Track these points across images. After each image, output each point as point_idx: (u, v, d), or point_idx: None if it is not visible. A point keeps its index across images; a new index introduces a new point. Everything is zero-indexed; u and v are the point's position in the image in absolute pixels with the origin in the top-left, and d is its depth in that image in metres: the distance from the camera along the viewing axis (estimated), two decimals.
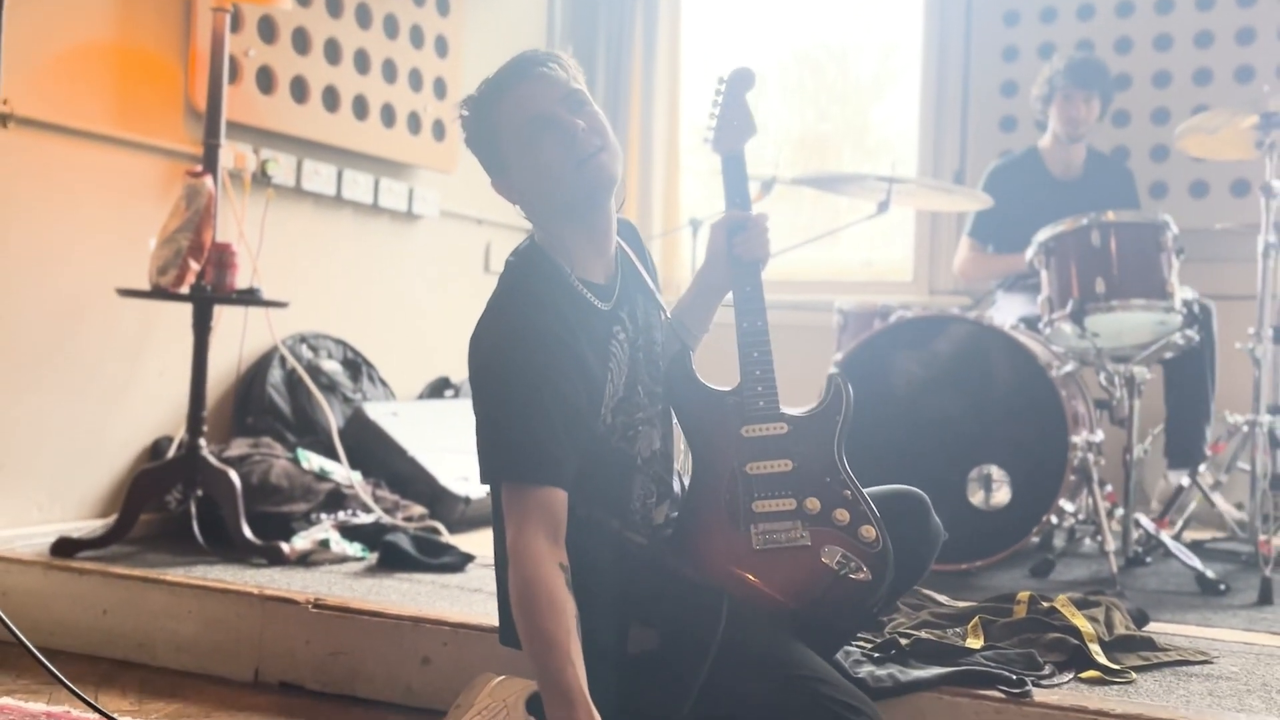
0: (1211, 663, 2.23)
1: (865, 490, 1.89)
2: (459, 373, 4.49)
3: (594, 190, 1.81)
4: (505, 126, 1.80)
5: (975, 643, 2.18)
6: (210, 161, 2.99)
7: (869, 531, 1.83)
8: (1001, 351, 3.10)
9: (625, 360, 1.85)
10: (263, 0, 3.16)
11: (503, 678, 1.70)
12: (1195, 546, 3.55)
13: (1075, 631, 2.20)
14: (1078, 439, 3.02)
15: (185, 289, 2.90)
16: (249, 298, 2.99)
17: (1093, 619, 2.28)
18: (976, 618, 2.30)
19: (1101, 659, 2.11)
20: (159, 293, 2.89)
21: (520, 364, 1.71)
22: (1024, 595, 2.40)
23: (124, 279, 3.07)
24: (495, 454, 1.72)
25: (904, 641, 2.13)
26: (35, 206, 3.02)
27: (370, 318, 4.09)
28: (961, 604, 2.50)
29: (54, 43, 3.04)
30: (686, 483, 1.94)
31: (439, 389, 4.33)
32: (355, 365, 3.88)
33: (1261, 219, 3.19)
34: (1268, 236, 3.19)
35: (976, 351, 3.13)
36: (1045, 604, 2.36)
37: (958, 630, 2.27)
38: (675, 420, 1.97)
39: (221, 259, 2.92)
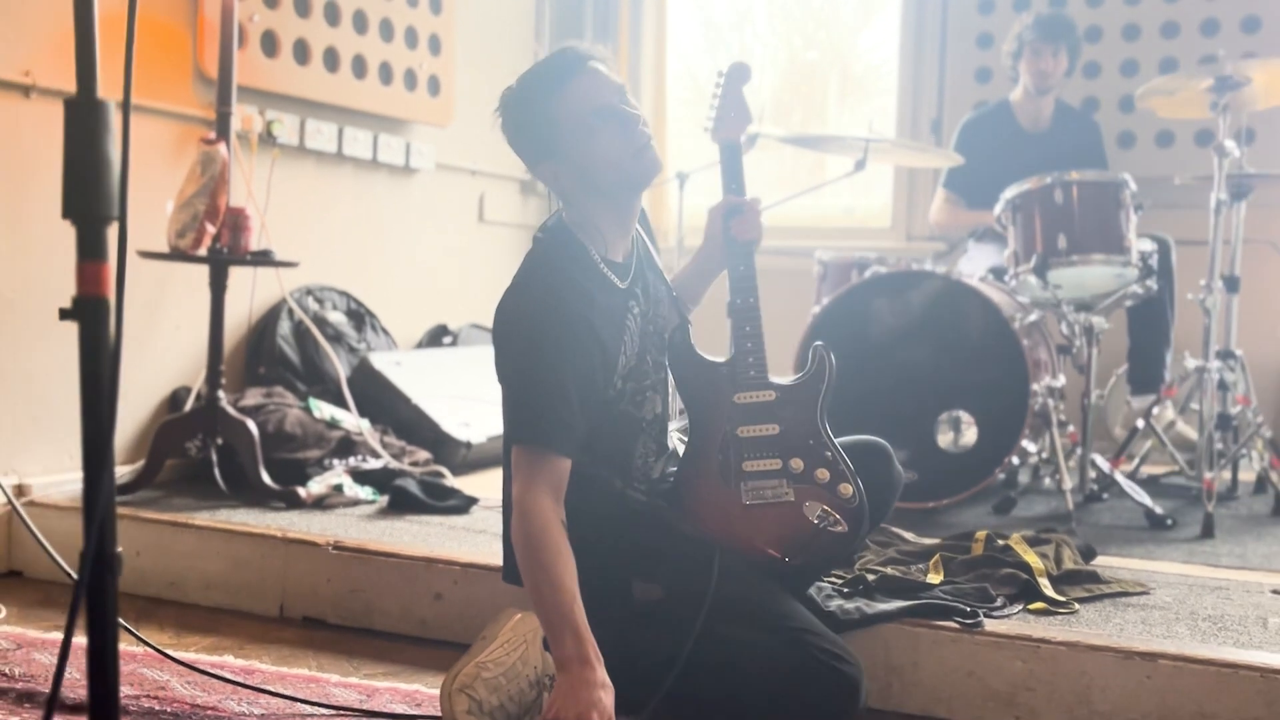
0: (1148, 593, 2.46)
1: (837, 440, 2.11)
2: (456, 319, 4.69)
3: (647, 175, 2.02)
4: (566, 116, 1.97)
5: (935, 578, 2.41)
6: (223, 129, 3.16)
7: (846, 489, 2.04)
8: (969, 304, 3.31)
9: (637, 333, 2.05)
10: None
11: (524, 614, 1.90)
12: (1150, 482, 3.80)
13: (1026, 567, 2.44)
14: (1038, 386, 3.25)
15: (203, 251, 3.08)
16: (263, 259, 3.18)
17: (1043, 555, 2.52)
18: (937, 555, 2.54)
19: (1049, 592, 2.35)
20: (178, 255, 3.07)
21: (544, 339, 1.90)
22: (981, 534, 2.63)
23: (142, 238, 3.24)
24: (516, 417, 1.93)
25: (870, 577, 2.36)
26: (58, 172, 3.18)
27: (371, 269, 4.28)
28: (925, 541, 2.74)
29: (71, 16, 3.18)
30: (683, 444, 2.16)
31: (438, 336, 4.53)
32: (359, 315, 4.07)
33: (1215, 176, 3.39)
34: (1219, 193, 3.39)
35: (945, 304, 3.34)
36: (1000, 541, 2.60)
37: (920, 566, 2.51)
38: (673, 386, 2.18)
39: (236, 222, 3.10)
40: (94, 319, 1.16)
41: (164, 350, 3.52)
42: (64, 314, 1.17)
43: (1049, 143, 4.21)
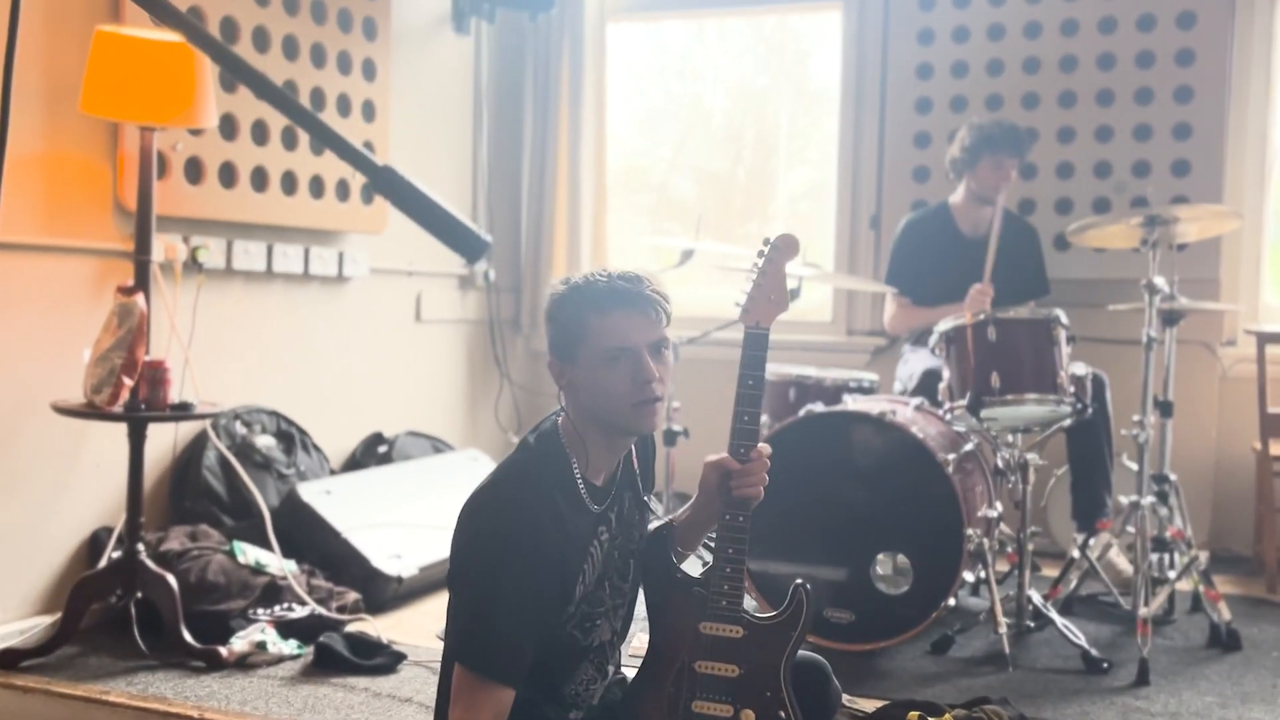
0: None
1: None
2: (392, 426, 4.62)
3: (638, 429, 1.97)
4: (593, 336, 1.92)
5: None
6: (142, 278, 3.08)
7: None
8: (902, 448, 3.28)
9: (600, 560, 1.97)
10: (184, 123, 3.22)
11: None
12: (1088, 601, 3.80)
13: None
14: (973, 530, 3.23)
15: (119, 407, 2.99)
16: (182, 413, 3.10)
17: None
18: None
19: None
20: (94, 413, 2.99)
21: (508, 560, 1.83)
22: (913, 716, 2.60)
23: (59, 381, 3.18)
24: (465, 639, 1.87)
25: None
26: None
27: (303, 384, 4.20)
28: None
29: None
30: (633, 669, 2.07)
31: (373, 446, 4.45)
32: (289, 436, 3.99)
33: (1145, 314, 3.39)
34: (1149, 330, 3.39)
35: (880, 446, 3.32)
36: None
37: None
38: (641, 596, 2.09)
39: (155, 376, 3.02)
40: None
41: (84, 489, 3.42)
42: None
43: (987, 249, 4.21)
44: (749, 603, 2.05)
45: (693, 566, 2.09)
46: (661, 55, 5.71)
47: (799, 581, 2.02)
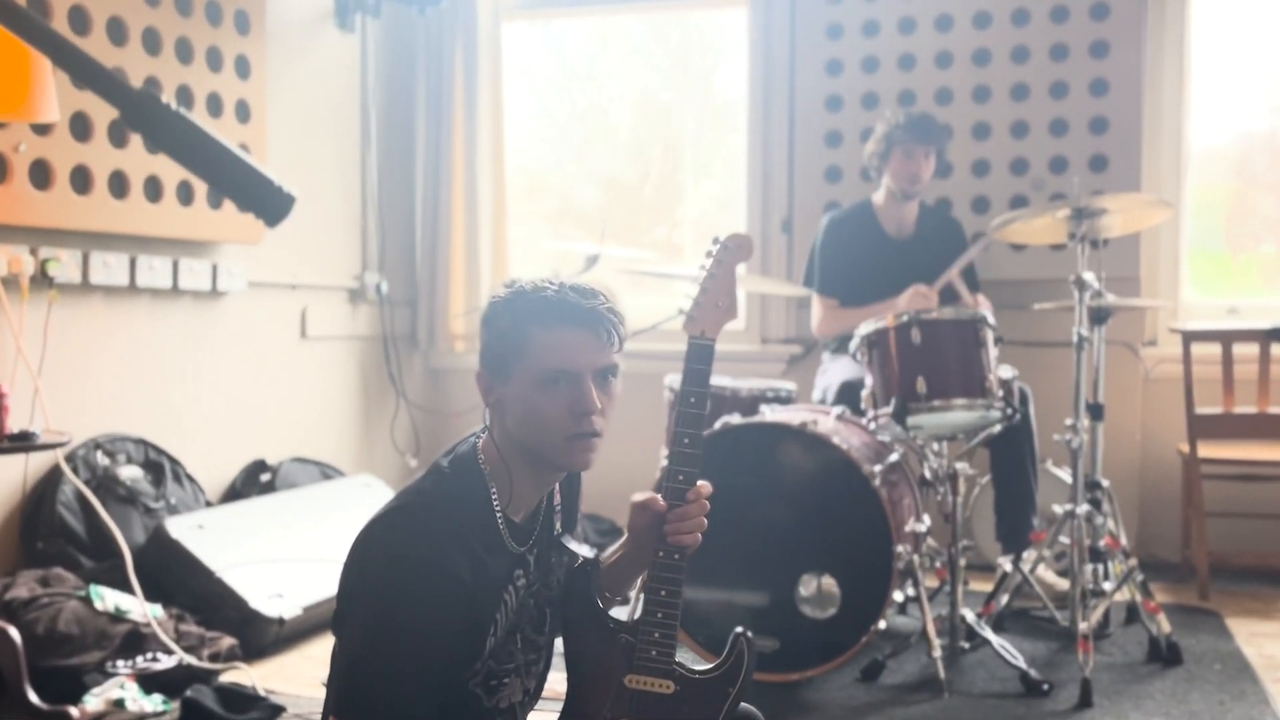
0: None
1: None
2: (276, 453, 4.28)
3: (569, 466, 1.70)
4: (532, 352, 1.64)
5: None
6: None
7: None
8: (826, 461, 3.06)
9: (514, 608, 1.69)
10: (20, 117, 2.88)
11: None
12: (1022, 615, 3.61)
13: None
14: (902, 548, 3.01)
15: None
16: (23, 443, 2.75)
17: None
18: None
19: None
20: None
21: (405, 603, 1.54)
22: None
23: None
24: (348, 690, 1.56)
25: None
26: None
27: (174, 409, 3.84)
28: None
29: None
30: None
31: (254, 474, 4.11)
32: (158, 467, 3.64)
33: (1075, 312, 3.22)
34: (1080, 328, 3.22)
35: (802, 460, 3.09)
36: None
37: None
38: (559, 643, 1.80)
39: None
40: None
41: None
42: None
43: (915, 248, 4.02)
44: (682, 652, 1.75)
45: (618, 611, 1.82)
46: (562, 60, 5.45)
47: (739, 630, 1.74)
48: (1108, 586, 3.29)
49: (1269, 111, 4.67)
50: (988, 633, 3.15)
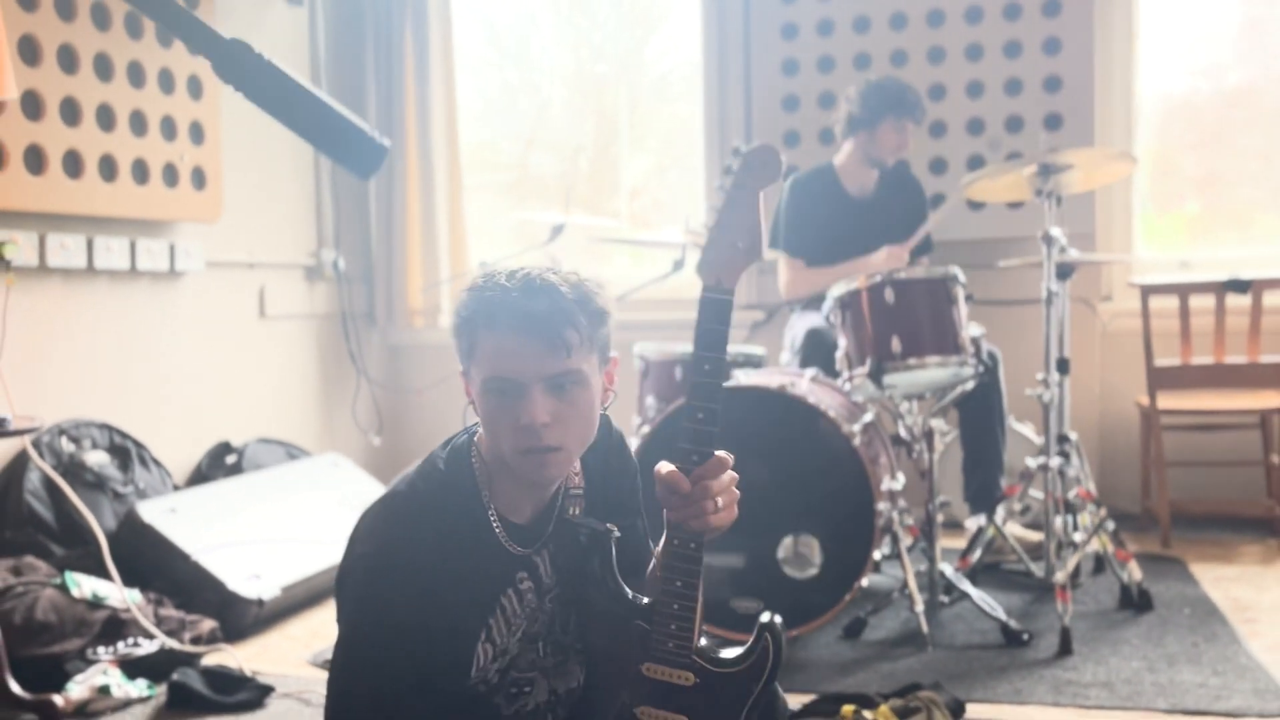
0: None
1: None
2: (240, 433, 4.22)
3: (529, 480, 1.56)
4: (480, 356, 1.51)
5: None
6: None
7: None
8: (804, 422, 3.07)
9: (521, 614, 1.60)
10: None
11: None
12: (994, 569, 3.67)
13: None
14: (883, 505, 3.04)
15: None
16: None
17: None
18: None
19: None
20: None
21: (375, 608, 1.49)
22: (848, 710, 2.38)
23: None
24: (340, 699, 1.53)
25: None
26: None
27: (137, 392, 3.78)
28: None
29: None
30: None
31: (220, 457, 4.05)
32: (124, 451, 3.57)
33: (1044, 268, 3.26)
34: (1049, 284, 3.26)
35: (780, 420, 3.10)
36: (869, 716, 2.36)
37: None
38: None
39: None
40: None
41: None
42: None
43: (877, 209, 4.03)
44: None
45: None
46: (516, 25, 5.40)
47: (766, 619, 1.58)
48: (1078, 537, 3.35)
49: (1188, 74, 4.74)
50: (967, 586, 3.20)
